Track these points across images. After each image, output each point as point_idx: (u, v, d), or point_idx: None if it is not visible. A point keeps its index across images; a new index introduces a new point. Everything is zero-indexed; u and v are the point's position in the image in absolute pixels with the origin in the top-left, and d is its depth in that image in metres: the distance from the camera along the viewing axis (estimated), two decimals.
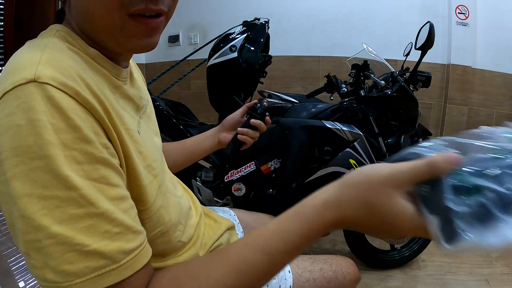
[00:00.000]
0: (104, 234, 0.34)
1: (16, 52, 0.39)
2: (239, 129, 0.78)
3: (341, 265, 0.79)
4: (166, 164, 0.63)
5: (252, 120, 0.77)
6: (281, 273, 0.70)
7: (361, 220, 0.35)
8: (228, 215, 0.87)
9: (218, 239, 0.69)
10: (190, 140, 0.84)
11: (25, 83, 0.34)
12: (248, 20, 1.81)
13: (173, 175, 0.67)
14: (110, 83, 0.44)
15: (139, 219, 0.41)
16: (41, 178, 0.32)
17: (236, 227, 0.83)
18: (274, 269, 0.39)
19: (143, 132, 0.50)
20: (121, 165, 0.40)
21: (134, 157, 0.43)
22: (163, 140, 0.66)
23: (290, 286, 0.69)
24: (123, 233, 0.36)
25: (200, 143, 0.83)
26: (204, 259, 0.42)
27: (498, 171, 0.31)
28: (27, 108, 0.33)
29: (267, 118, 0.79)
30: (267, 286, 0.67)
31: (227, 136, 0.80)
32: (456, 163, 0.31)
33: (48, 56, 0.36)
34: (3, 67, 0.37)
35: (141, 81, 0.59)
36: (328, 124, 1.31)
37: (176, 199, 0.59)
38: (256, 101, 0.81)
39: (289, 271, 0.71)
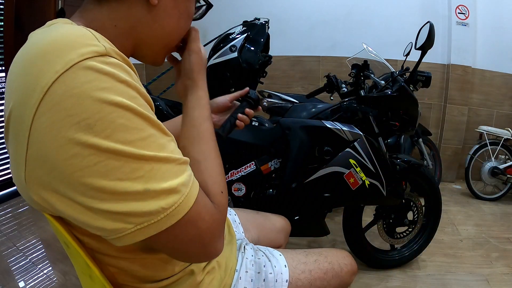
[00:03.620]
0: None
1: (50, 33, 0.38)
2: (239, 115, 0.77)
3: (337, 257, 0.79)
4: None
5: (247, 110, 0.78)
6: (277, 268, 0.70)
7: None
8: (228, 214, 0.87)
9: None
10: (174, 122, 0.77)
11: (97, 56, 0.36)
12: (248, 20, 1.81)
13: None
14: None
15: None
16: (136, 126, 0.37)
17: (236, 227, 0.83)
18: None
19: None
20: None
21: None
22: None
23: (287, 279, 0.69)
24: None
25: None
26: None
27: None
28: (107, 88, 0.35)
29: (260, 106, 0.82)
30: (264, 281, 0.68)
31: (218, 118, 0.79)
32: None
33: (96, 34, 0.39)
34: (3, 67, 0.37)
35: None
36: (328, 124, 1.31)
37: None
38: (247, 89, 0.81)
39: (285, 265, 0.71)
